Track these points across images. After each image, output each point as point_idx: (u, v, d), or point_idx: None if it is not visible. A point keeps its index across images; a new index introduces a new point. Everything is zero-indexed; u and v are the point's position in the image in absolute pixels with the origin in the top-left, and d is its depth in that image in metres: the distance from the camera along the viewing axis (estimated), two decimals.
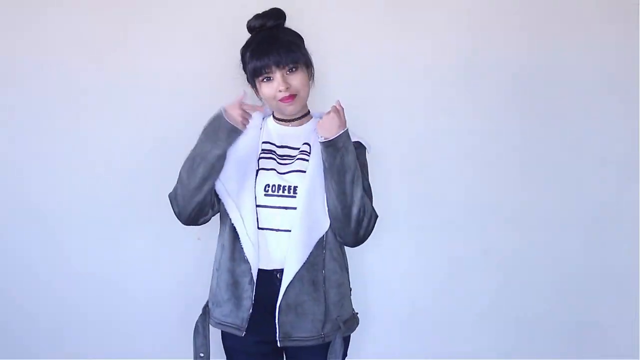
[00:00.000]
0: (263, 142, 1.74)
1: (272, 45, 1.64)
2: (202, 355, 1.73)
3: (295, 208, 1.66)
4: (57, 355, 2.15)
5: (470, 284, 2.22)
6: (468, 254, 2.21)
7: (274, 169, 1.70)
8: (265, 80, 1.67)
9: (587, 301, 2.25)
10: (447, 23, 2.13)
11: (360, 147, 1.74)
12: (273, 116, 1.78)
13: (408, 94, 2.15)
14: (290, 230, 1.66)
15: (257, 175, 1.69)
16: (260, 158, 1.72)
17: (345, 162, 1.62)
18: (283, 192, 1.67)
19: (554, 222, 2.22)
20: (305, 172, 1.68)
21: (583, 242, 2.24)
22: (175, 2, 2.08)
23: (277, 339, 1.67)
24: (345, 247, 1.79)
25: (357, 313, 1.84)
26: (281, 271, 1.67)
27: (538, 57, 2.16)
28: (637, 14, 2.15)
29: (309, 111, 1.79)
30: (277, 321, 1.66)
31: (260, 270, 1.68)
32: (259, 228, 1.67)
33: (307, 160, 1.70)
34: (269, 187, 1.68)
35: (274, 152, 1.73)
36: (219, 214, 1.76)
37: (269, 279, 1.68)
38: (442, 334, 2.24)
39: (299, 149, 1.73)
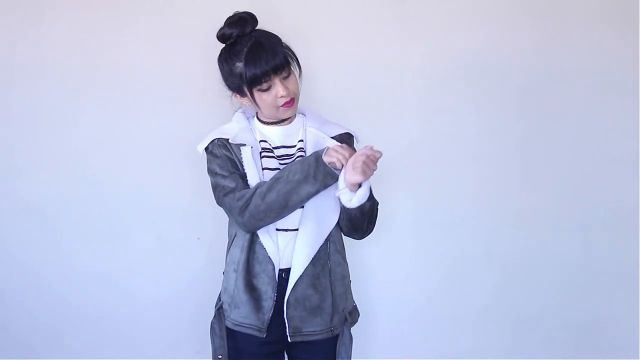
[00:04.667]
0: (260, 141, 1.73)
1: (266, 53, 1.60)
2: (220, 356, 1.73)
3: (302, 207, 1.66)
4: (58, 355, 2.14)
5: (471, 283, 2.23)
6: (469, 253, 2.22)
7: (278, 169, 1.69)
8: (266, 88, 1.64)
9: (588, 301, 2.26)
10: (447, 23, 2.14)
11: (350, 138, 1.77)
12: (258, 119, 1.76)
13: (409, 93, 2.15)
14: (297, 229, 1.66)
15: (262, 175, 1.68)
16: (262, 157, 1.71)
17: None
18: None
19: (555, 221, 2.23)
20: None
21: (583, 241, 2.24)
22: (172, 2, 2.09)
23: (288, 334, 1.67)
24: (344, 242, 1.79)
25: (355, 305, 1.85)
26: (287, 270, 1.67)
27: (539, 56, 2.17)
28: (637, 14, 2.15)
29: None
30: (285, 316, 1.66)
31: None
32: (276, 230, 1.67)
33: None
34: None
35: (272, 151, 1.72)
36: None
37: (279, 278, 1.68)
38: (443, 332, 2.25)
39: (295, 146, 1.73)
